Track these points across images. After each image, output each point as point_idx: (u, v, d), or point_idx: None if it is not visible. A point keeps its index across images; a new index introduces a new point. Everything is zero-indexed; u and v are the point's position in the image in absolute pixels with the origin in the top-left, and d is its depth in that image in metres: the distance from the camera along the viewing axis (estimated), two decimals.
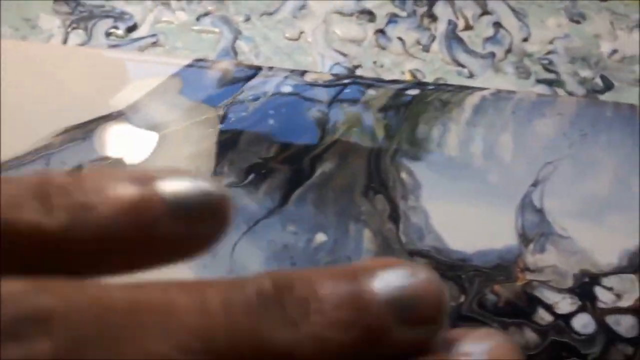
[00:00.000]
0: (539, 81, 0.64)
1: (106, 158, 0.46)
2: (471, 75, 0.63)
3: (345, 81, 0.54)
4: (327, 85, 0.53)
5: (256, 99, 0.51)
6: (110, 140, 0.46)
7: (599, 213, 0.50)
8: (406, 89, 0.54)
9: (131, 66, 0.52)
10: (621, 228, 0.50)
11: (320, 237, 0.44)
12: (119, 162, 0.46)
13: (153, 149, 0.46)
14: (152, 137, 0.47)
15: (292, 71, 0.54)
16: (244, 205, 0.45)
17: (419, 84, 0.55)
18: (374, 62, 0.63)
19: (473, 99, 0.54)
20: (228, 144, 0.48)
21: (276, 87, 0.52)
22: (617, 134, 0.55)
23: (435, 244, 0.45)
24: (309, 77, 0.53)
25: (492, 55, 0.65)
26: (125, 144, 0.46)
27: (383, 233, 0.45)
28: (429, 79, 0.62)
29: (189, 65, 0.52)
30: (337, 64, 0.62)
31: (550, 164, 0.51)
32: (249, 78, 0.52)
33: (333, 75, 0.55)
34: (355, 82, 0.54)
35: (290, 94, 0.51)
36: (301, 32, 0.64)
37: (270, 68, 0.53)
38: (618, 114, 0.56)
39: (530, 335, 0.43)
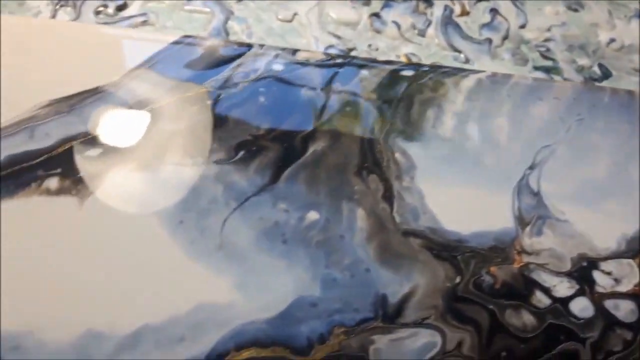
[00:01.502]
0: (536, 68, 0.63)
1: (88, 134, 0.44)
2: (467, 61, 0.62)
3: (338, 61, 0.52)
4: (319, 64, 0.52)
5: (246, 76, 0.49)
6: (97, 116, 0.45)
7: (596, 198, 0.49)
8: (401, 69, 0.53)
9: (119, 43, 0.50)
10: (619, 213, 0.49)
11: (312, 215, 0.43)
12: (99, 138, 0.44)
13: (145, 125, 0.45)
14: (142, 114, 0.45)
15: (284, 49, 0.52)
16: (233, 182, 0.44)
17: (413, 65, 0.54)
18: (369, 46, 0.62)
19: (468, 82, 0.53)
20: (217, 120, 0.46)
21: (267, 66, 0.50)
22: (615, 119, 0.54)
23: (430, 224, 0.44)
24: (300, 56, 0.52)
25: (489, 41, 0.64)
26: (113, 121, 0.45)
27: (377, 212, 0.44)
28: (425, 63, 0.61)
29: (176, 42, 0.51)
30: (331, 46, 0.61)
31: (546, 148, 0.50)
32: (239, 56, 0.50)
33: (325, 54, 0.53)
34: (349, 62, 0.52)
35: (281, 72, 0.50)
36: (294, 14, 0.62)
37: (261, 46, 0.52)
38: (615, 100, 0.56)
39: (528, 318, 0.42)
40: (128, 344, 0.36)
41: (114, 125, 0.45)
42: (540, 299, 0.43)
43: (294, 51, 0.52)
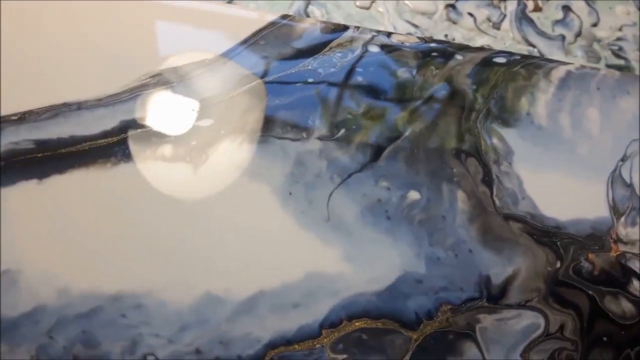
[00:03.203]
0: (609, 66, 0.63)
1: (197, 105, 0.45)
2: (542, 56, 0.62)
3: (432, 45, 0.53)
4: (414, 47, 0.52)
5: (345, 56, 0.50)
6: (205, 87, 0.45)
7: None
8: (493, 57, 0.53)
9: (221, 15, 0.51)
10: None
11: (414, 195, 0.43)
12: (209, 109, 0.45)
13: (250, 98, 0.46)
14: (249, 87, 0.46)
15: (379, 32, 0.53)
16: (336, 158, 0.44)
17: (506, 53, 0.54)
18: (445, 36, 0.62)
19: (559, 72, 0.53)
20: (318, 98, 0.47)
21: (364, 46, 0.51)
22: None
23: (529, 209, 0.44)
24: (395, 38, 0.53)
25: (562, 37, 0.64)
26: (221, 92, 0.45)
27: (477, 195, 0.44)
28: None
29: (274, 23, 0.52)
30: (409, 34, 0.61)
31: (636, 141, 0.51)
32: (336, 36, 0.51)
33: (419, 38, 0.54)
34: (442, 47, 0.53)
35: (377, 54, 0.51)
36: (372, 1, 0.63)
37: (357, 27, 0.53)
38: None
39: (626, 305, 0.42)
40: (244, 308, 0.37)
41: (222, 99, 0.45)
42: (637, 288, 0.43)
43: (389, 34, 0.53)
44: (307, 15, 0.62)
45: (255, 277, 0.38)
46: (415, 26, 0.63)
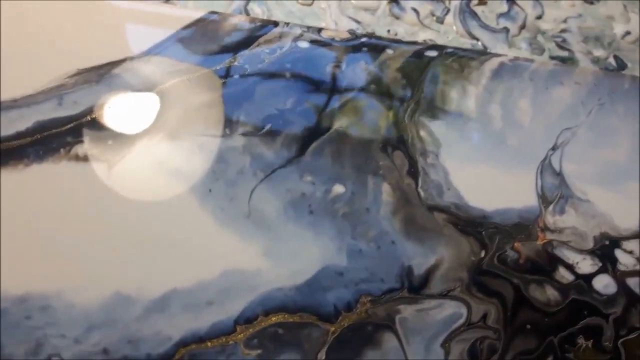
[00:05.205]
0: (553, 57, 0.63)
1: (115, 103, 0.44)
2: (485, 49, 0.63)
3: (363, 40, 0.53)
4: (344, 42, 0.52)
5: (273, 53, 0.50)
6: (124, 86, 0.45)
7: (616, 180, 0.49)
8: (425, 50, 0.53)
9: (146, 16, 0.51)
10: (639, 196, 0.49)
11: (338, 189, 0.43)
12: (127, 108, 0.44)
13: (172, 97, 0.45)
14: (168, 87, 0.45)
15: (309, 27, 0.53)
16: (261, 154, 0.44)
17: (437, 47, 0.54)
18: (388, 31, 0.62)
19: (491, 64, 0.53)
20: (244, 94, 0.46)
21: (293, 42, 0.51)
22: (635, 105, 0.54)
23: (454, 200, 0.44)
24: (325, 34, 0.52)
25: (506, 30, 0.65)
26: (141, 92, 0.45)
27: (402, 187, 0.44)
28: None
29: (201, 19, 0.51)
30: (351, 30, 0.61)
31: (568, 130, 0.51)
32: (265, 33, 0.51)
33: (350, 33, 0.54)
34: (374, 42, 0.53)
35: (307, 49, 0.50)
36: None
37: (287, 23, 0.52)
38: (635, 86, 0.56)
39: (552, 293, 0.42)
40: (156, 307, 0.37)
41: (142, 96, 0.45)
42: (564, 275, 0.43)
43: (319, 29, 0.53)
44: (247, 13, 0.62)
45: (168, 275, 0.38)
46: (358, 22, 0.63)
